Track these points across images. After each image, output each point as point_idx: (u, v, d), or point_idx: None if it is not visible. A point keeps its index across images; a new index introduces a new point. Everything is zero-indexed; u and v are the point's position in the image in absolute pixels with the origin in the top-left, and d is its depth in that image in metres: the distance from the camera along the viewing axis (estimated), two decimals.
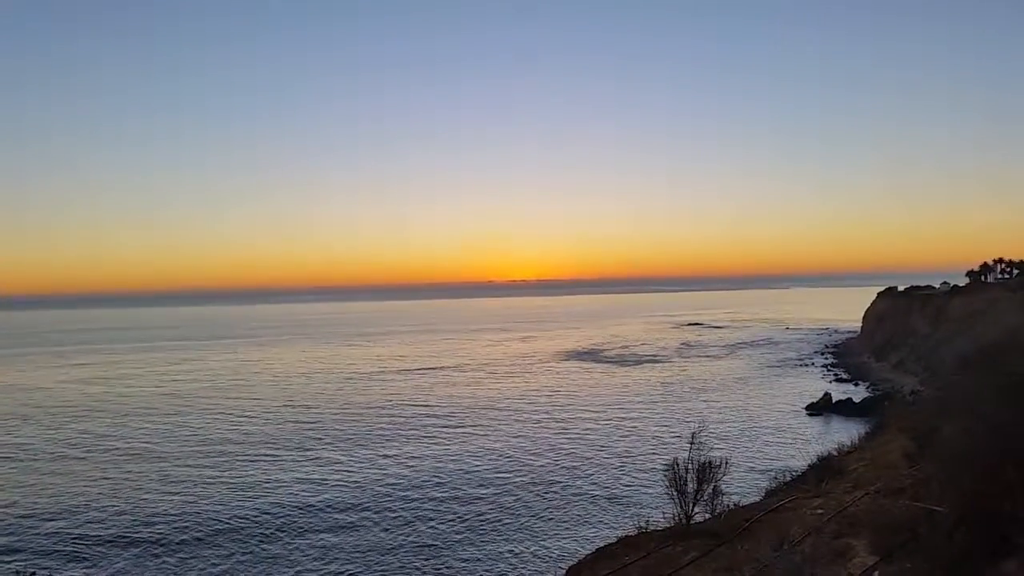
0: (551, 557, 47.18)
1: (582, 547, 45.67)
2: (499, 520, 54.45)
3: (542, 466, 69.53)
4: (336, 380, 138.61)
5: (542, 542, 50.21)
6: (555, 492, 60.95)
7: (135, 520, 55.37)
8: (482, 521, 54.32)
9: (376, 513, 56.01)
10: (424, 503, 58.22)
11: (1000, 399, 19.03)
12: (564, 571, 26.19)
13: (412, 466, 70.04)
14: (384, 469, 68.90)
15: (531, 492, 61.01)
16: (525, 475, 66.34)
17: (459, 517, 55.06)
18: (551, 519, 54.52)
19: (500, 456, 74.07)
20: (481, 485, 63.53)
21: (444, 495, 60.40)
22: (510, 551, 48.70)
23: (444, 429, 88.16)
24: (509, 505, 57.60)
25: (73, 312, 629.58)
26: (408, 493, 60.82)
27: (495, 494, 60.67)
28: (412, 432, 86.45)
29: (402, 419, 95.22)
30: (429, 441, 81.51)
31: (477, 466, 70.14)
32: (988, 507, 16.35)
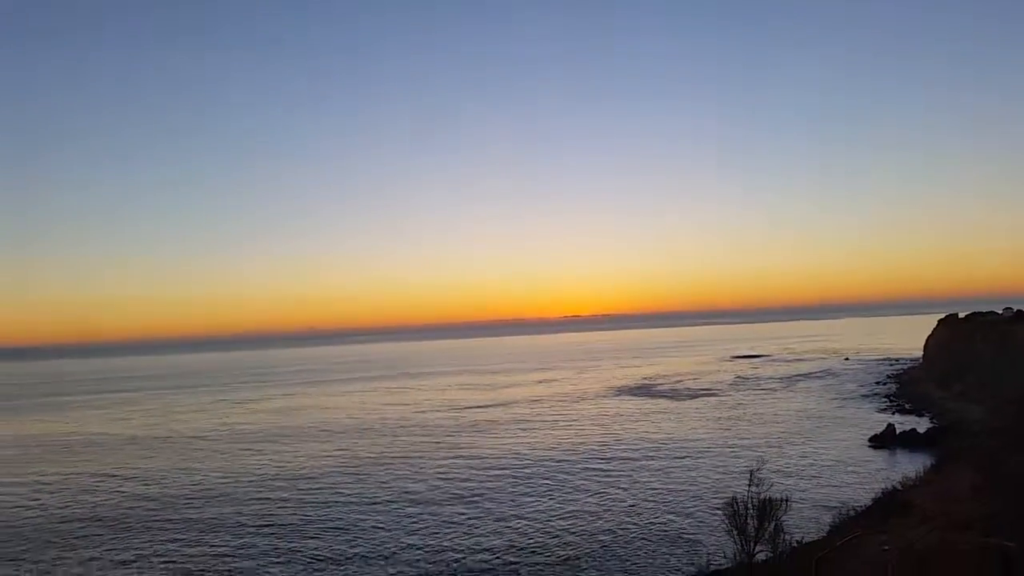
0: None
1: None
2: (557, 566, 54.10)
3: (597, 509, 68.56)
4: (387, 426, 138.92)
5: None
6: (612, 535, 60.11)
7: None
8: (537, 570, 53.90)
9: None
10: (485, 561, 56.71)
11: None
12: None
13: (470, 521, 69.04)
14: (437, 531, 65.13)
15: (587, 537, 59.98)
16: (581, 519, 65.46)
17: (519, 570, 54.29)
18: (609, 564, 53.85)
19: (554, 500, 73.42)
20: (537, 531, 63.17)
21: (500, 549, 59.58)
22: None
23: (499, 475, 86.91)
24: (565, 553, 56.80)
25: (101, 361, 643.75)
26: (463, 556, 58.53)
27: (552, 541, 60.17)
28: (465, 484, 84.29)
29: (452, 466, 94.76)
30: (482, 495, 78.09)
31: (531, 512, 69.74)
32: None
